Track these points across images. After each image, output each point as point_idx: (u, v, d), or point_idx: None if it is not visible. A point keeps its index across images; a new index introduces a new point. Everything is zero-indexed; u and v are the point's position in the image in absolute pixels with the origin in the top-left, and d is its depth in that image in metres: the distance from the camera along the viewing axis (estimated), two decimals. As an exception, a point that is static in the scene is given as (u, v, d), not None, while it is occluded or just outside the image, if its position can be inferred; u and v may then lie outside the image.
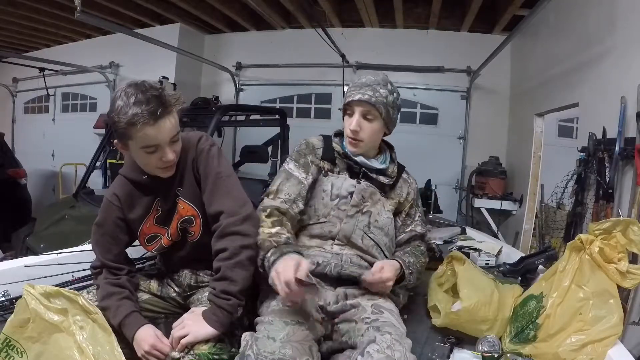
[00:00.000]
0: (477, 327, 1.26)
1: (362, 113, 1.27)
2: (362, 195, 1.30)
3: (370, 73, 1.32)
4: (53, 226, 3.17)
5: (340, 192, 1.29)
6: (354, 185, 1.30)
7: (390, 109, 1.29)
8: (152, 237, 1.24)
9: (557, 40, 3.26)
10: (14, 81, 6.66)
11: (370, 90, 1.26)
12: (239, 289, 1.06)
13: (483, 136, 4.66)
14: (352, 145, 1.31)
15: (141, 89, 1.03)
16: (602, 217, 2.16)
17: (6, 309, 1.28)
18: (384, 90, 1.27)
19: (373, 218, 1.30)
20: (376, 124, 1.28)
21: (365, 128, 1.27)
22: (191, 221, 1.20)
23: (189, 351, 1.01)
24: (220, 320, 1.04)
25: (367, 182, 1.32)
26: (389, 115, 1.29)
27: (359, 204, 1.29)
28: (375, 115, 1.27)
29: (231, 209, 1.11)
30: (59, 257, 1.54)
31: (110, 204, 1.20)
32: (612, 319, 1.08)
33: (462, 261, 1.41)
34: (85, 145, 5.05)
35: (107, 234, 1.20)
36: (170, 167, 1.15)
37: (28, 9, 4.50)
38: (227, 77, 5.31)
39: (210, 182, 1.15)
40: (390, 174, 1.38)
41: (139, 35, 3.66)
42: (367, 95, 1.25)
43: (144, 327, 1.09)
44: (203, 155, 1.17)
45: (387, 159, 1.40)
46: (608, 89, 2.39)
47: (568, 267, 1.19)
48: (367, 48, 4.82)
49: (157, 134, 1.05)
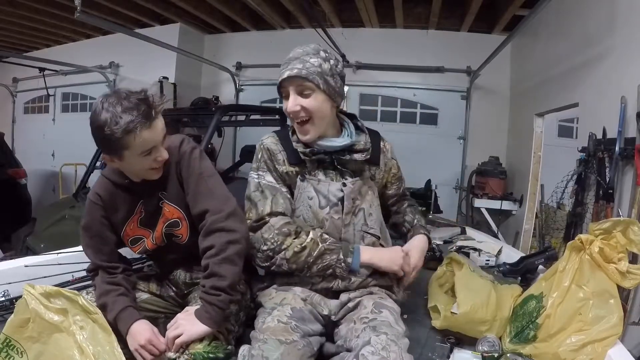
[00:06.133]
0: (476, 328, 1.26)
1: (297, 91, 1.13)
2: (353, 197, 1.21)
3: (300, 46, 1.17)
4: (53, 226, 3.18)
5: (329, 199, 1.19)
6: (341, 190, 1.20)
7: (328, 78, 1.14)
8: (135, 239, 1.23)
9: (557, 41, 3.26)
10: (14, 81, 6.65)
11: (299, 63, 1.12)
12: (228, 284, 1.05)
13: (483, 136, 4.66)
14: (301, 132, 1.18)
15: (123, 97, 1.02)
16: (602, 217, 2.16)
17: (6, 309, 1.28)
18: (315, 59, 1.13)
19: (367, 212, 1.24)
20: (317, 98, 1.13)
21: (305, 105, 1.13)
22: (177, 224, 1.20)
23: (184, 351, 1.02)
24: (212, 317, 1.04)
25: (352, 180, 1.22)
26: (329, 85, 1.14)
27: (351, 209, 1.21)
28: (312, 88, 1.12)
29: (215, 207, 1.11)
30: (59, 257, 1.54)
31: (93, 204, 1.20)
32: (612, 319, 1.08)
33: (460, 264, 1.41)
34: (85, 145, 4.98)
35: (96, 235, 1.20)
36: (161, 168, 1.15)
37: (28, 9, 4.50)
38: (227, 77, 5.31)
39: (192, 183, 1.15)
40: (364, 147, 1.24)
41: (139, 35, 3.67)
42: (297, 69, 1.11)
43: (139, 322, 1.09)
44: (185, 157, 1.17)
45: (352, 132, 1.25)
46: (608, 89, 2.39)
47: (568, 267, 1.19)
48: (367, 48, 4.82)
49: (153, 136, 1.06)
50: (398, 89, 4.89)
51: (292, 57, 1.14)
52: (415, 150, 4.44)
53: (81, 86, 5.91)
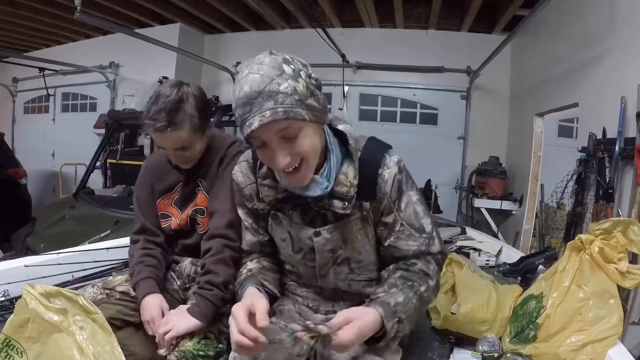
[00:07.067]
0: (476, 328, 1.26)
1: (280, 136, 0.80)
2: (330, 249, 0.97)
3: (252, 66, 0.79)
4: (53, 226, 3.17)
5: (302, 245, 0.99)
6: (310, 239, 0.96)
7: (311, 101, 0.81)
8: (165, 214, 1.30)
9: (557, 40, 3.26)
10: (14, 81, 6.65)
11: (267, 100, 0.76)
12: (222, 281, 1.10)
13: (483, 136, 4.67)
14: (294, 181, 0.87)
15: (164, 94, 1.12)
16: (602, 217, 2.16)
17: (6, 309, 1.28)
18: (286, 85, 0.78)
19: (354, 261, 0.99)
20: (306, 135, 0.82)
21: (297, 148, 0.81)
22: (203, 212, 1.26)
23: (174, 348, 1.03)
24: (202, 311, 1.06)
25: (329, 227, 0.94)
26: (313, 109, 0.82)
27: (328, 260, 0.98)
28: (298, 126, 0.80)
29: (221, 213, 1.17)
30: (59, 257, 1.53)
31: (145, 168, 1.34)
32: (612, 319, 1.08)
33: (460, 265, 1.41)
34: (85, 145, 5.05)
35: (144, 196, 1.30)
36: (183, 164, 1.23)
37: (28, 9, 4.50)
38: (227, 77, 5.31)
39: (218, 183, 1.22)
40: (346, 193, 0.91)
41: (139, 35, 3.67)
42: (269, 112, 0.76)
43: (151, 295, 1.12)
44: (228, 157, 1.24)
45: (334, 165, 0.91)
46: (608, 89, 2.39)
47: (568, 267, 1.19)
48: (367, 48, 4.82)
49: (162, 142, 1.15)
50: (398, 89, 4.89)
51: (250, 92, 0.77)
52: (415, 150, 4.44)
53: (81, 86, 5.91)
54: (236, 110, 0.80)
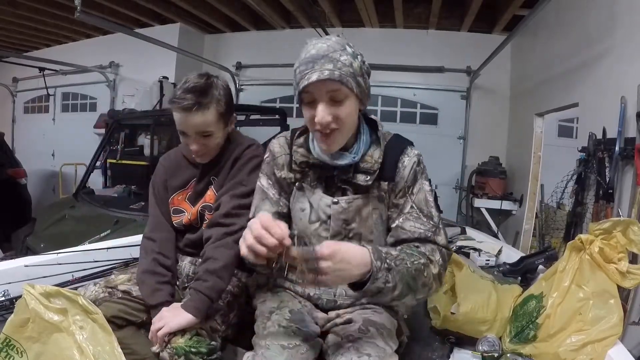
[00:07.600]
0: (476, 328, 1.26)
1: (328, 97, 0.92)
2: (344, 218, 1.03)
3: (320, 39, 0.95)
4: (53, 226, 3.17)
5: (319, 214, 1.05)
6: (329, 206, 1.03)
7: (359, 79, 0.94)
8: (178, 210, 1.31)
9: (557, 40, 3.26)
10: (14, 81, 6.66)
11: (329, 62, 0.89)
12: (221, 266, 1.10)
13: (483, 136, 4.67)
14: (326, 143, 0.97)
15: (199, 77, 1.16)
16: (602, 217, 2.16)
17: (6, 308, 1.28)
18: (345, 57, 0.91)
19: (365, 239, 1.03)
20: (349, 105, 0.94)
21: (339, 114, 0.93)
22: (211, 209, 1.27)
23: (166, 345, 1.02)
24: (196, 306, 1.06)
25: (348, 198, 1.03)
26: (361, 87, 0.95)
27: (341, 230, 1.04)
28: (346, 93, 0.92)
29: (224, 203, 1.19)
30: (59, 257, 1.53)
31: (160, 165, 1.36)
32: (612, 319, 1.08)
33: (460, 265, 1.40)
34: (85, 145, 5.05)
35: (159, 193, 1.32)
36: (201, 156, 1.24)
37: (28, 9, 4.51)
38: (227, 77, 5.32)
39: (230, 184, 1.23)
40: (370, 167, 1.02)
41: (139, 35, 3.67)
42: (328, 71, 0.89)
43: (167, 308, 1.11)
44: (243, 159, 1.25)
45: (363, 145, 1.03)
46: (608, 89, 2.39)
47: (568, 267, 1.19)
48: (367, 48, 4.71)
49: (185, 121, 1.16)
50: (398, 88, 4.89)
51: (317, 54, 0.90)
52: (415, 150, 4.43)
53: (81, 86, 5.92)
54: (298, 68, 0.93)
